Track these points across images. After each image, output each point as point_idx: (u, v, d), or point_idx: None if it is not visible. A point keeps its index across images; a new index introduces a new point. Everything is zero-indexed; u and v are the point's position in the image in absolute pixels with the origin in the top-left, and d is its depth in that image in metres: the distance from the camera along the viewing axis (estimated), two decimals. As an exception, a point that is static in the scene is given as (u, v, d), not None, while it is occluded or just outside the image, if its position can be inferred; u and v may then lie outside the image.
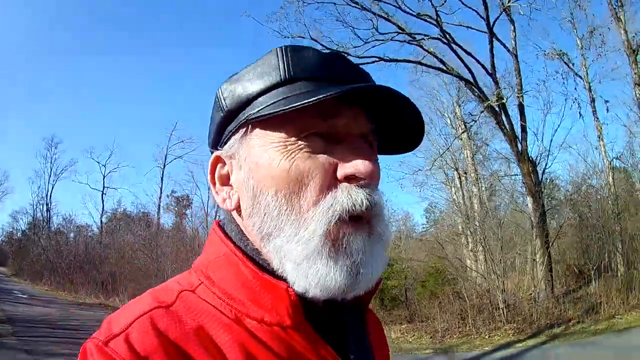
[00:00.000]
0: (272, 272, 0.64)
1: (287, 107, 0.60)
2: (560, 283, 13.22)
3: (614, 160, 15.95)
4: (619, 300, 10.78)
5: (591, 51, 15.75)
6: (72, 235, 35.29)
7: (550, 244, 12.82)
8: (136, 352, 0.54)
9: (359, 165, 0.62)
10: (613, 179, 15.03)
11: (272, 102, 0.64)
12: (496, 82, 13.42)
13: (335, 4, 13.86)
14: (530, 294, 12.50)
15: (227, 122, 0.70)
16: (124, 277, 20.70)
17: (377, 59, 14.35)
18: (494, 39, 13.70)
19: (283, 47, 0.67)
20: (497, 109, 13.29)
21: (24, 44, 61.64)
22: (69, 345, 8.50)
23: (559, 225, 14.40)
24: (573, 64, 15.53)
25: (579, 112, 15.13)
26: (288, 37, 14.35)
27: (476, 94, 13.84)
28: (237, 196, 0.70)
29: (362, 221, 0.64)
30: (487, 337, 10.34)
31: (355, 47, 14.21)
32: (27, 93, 64.80)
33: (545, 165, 14.79)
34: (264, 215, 0.64)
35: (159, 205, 34.46)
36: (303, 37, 14.18)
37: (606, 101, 15.26)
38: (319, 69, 0.66)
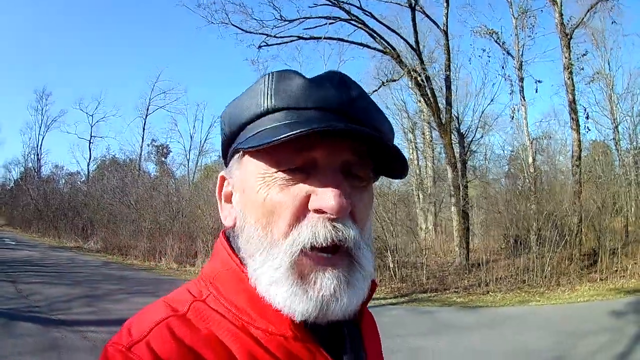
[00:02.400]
0: None
1: (258, 144, 0.64)
2: (480, 254, 13.84)
3: (535, 140, 16.91)
4: (516, 279, 11.74)
5: (525, 32, 16.62)
6: (62, 182, 38.49)
7: (460, 215, 14.02)
8: (157, 356, 0.60)
9: (327, 201, 0.63)
10: (534, 158, 16.05)
11: (255, 132, 0.68)
12: (419, 56, 14.52)
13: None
14: (450, 260, 13.86)
15: (228, 146, 0.77)
16: (99, 223, 23.81)
17: (296, 38, 15.61)
18: (425, 16, 15.01)
19: (269, 75, 0.71)
20: (421, 82, 14.31)
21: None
22: (42, 277, 12.38)
23: (477, 199, 15.50)
24: (503, 43, 16.60)
25: (512, 90, 16.38)
26: (214, 24, 15.37)
27: (405, 68, 14.52)
28: (234, 215, 0.75)
29: (339, 253, 0.67)
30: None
31: (276, 27, 15.15)
32: (15, 45, 67.38)
33: (472, 138, 16.23)
34: (247, 238, 0.69)
35: (140, 153, 37.93)
36: (226, 24, 15.30)
37: (538, 81, 16.14)
38: (301, 97, 0.68)
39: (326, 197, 0.64)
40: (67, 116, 54.08)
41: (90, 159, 40.53)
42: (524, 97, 16.77)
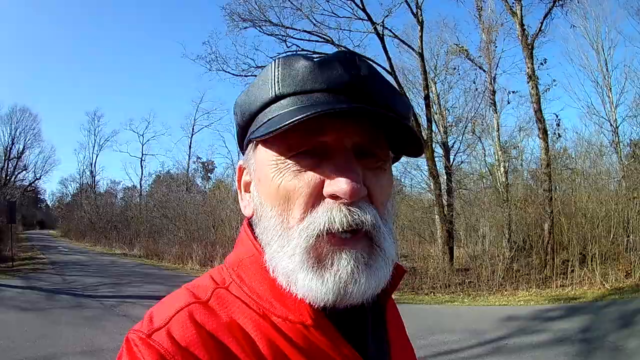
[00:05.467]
0: None
1: (265, 133, 0.64)
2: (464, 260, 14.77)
3: (503, 150, 17.60)
4: (482, 284, 12.14)
5: (495, 46, 17.42)
6: (119, 196, 43.81)
7: (443, 224, 14.94)
8: (177, 343, 0.61)
9: (340, 186, 0.63)
10: (505, 169, 16.80)
11: (264, 121, 0.69)
12: (395, 79, 15.36)
13: None
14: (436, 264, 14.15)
15: (242, 137, 0.78)
16: (143, 233, 27.99)
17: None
18: (400, 41, 16.53)
19: (275, 61, 0.71)
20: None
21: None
22: (84, 272, 16.41)
23: (457, 207, 16.04)
24: (473, 59, 17.82)
25: (492, 104, 17.22)
26: (212, 71, 18.03)
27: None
28: (253, 205, 0.77)
29: (358, 236, 0.66)
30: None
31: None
32: (68, 71, 75.43)
33: (457, 152, 18.03)
34: (265, 227, 0.70)
35: (188, 169, 41.17)
36: (223, 70, 17.95)
37: (512, 92, 17.46)
38: (307, 81, 0.67)
39: (339, 182, 0.64)
40: (119, 136, 60.73)
41: (142, 174, 44.56)
42: (496, 110, 17.77)
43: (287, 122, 0.61)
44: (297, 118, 0.61)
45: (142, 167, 44.81)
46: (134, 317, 8.60)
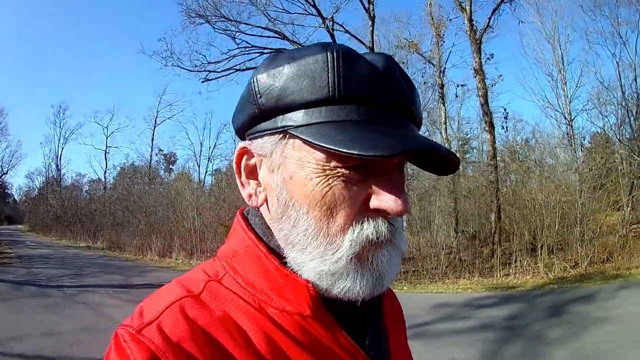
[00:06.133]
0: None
1: (332, 147, 0.60)
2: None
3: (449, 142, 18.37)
4: (425, 273, 12.58)
5: (444, 41, 18.33)
6: (85, 189, 44.41)
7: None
8: (168, 339, 0.60)
9: (390, 204, 0.64)
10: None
11: (314, 122, 0.64)
12: None
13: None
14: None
15: (260, 120, 0.70)
16: (106, 226, 29.16)
17: (233, 71, 18.85)
18: (351, 36, 17.01)
19: (336, 52, 0.65)
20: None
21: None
22: (49, 264, 17.74)
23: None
24: (422, 53, 18.57)
25: (440, 97, 18.16)
26: (168, 66, 19.21)
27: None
28: (265, 195, 0.73)
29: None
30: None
31: (214, 62, 18.78)
32: (32, 63, 75.25)
33: None
34: (292, 227, 0.68)
35: (150, 161, 42.08)
36: (178, 66, 19.06)
37: (460, 85, 18.15)
38: (370, 88, 0.65)
39: (390, 201, 0.64)
40: (84, 129, 61.97)
41: (106, 167, 45.36)
42: (444, 103, 18.51)
43: (371, 154, 0.58)
44: (383, 154, 0.58)
45: (106, 159, 45.65)
46: (91, 303, 10.02)
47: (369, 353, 0.73)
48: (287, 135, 0.68)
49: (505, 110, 17.30)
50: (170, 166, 44.53)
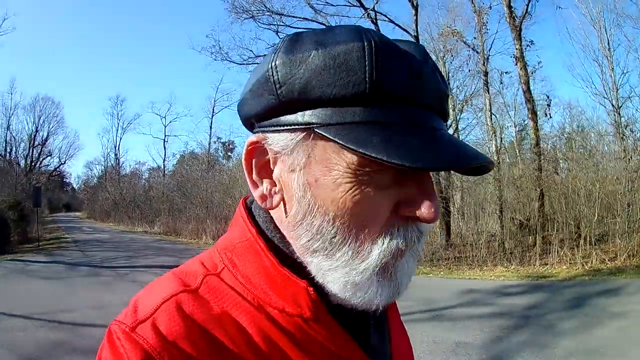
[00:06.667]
0: (297, 264, 0.65)
1: (373, 154, 0.53)
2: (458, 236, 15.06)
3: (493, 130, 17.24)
4: (465, 259, 12.51)
5: (487, 28, 17.09)
6: (145, 176, 45.90)
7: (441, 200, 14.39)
8: (164, 337, 0.57)
9: (424, 212, 0.60)
10: (497, 147, 16.90)
11: (347, 121, 0.57)
12: None
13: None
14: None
15: (278, 112, 0.62)
16: (162, 213, 29.66)
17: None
18: (395, 25, 16.68)
19: (374, 41, 0.57)
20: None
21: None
22: (103, 248, 18.06)
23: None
24: (465, 40, 17.89)
25: (485, 84, 16.92)
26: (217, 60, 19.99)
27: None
28: (281, 197, 0.66)
29: None
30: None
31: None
32: (88, 58, 77.91)
33: (455, 130, 17.86)
34: (315, 234, 0.62)
35: (209, 150, 42.99)
36: (228, 60, 19.78)
37: (504, 73, 17.15)
38: (410, 86, 0.58)
39: (425, 208, 0.60)
40: (142, 119, 64.12)
41: (165, 155, 46.72)
42: (488, 90, 17.53)
43: (419, 166, 0.53)
44: (437, 166, 0.55)
45: (165, 148, 46.71)
46: (141, 282, 9.83)
47: (372, 353, 0.71)
48: (312, 134, 0.60)
49: (547, 97, 16.25)
50: (229, 153, 45.05)
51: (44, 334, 6.51)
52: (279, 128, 0.62)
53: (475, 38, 18.07)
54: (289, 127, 0.61)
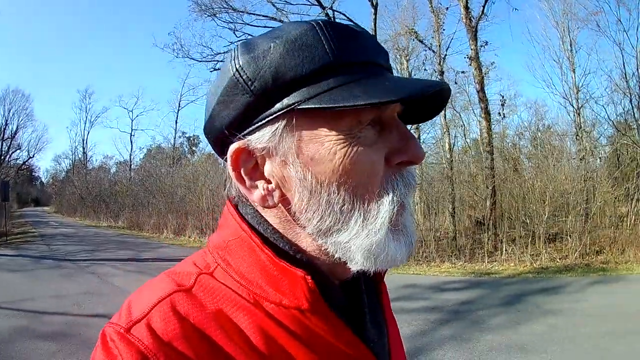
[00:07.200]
0: (291, 257, 0.67)
1: (361, 103, 0.57)
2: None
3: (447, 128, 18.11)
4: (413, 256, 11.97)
5: (444, 29, 17.58)
6: (112, 170, 45.83)
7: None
8: (159, 338, 0.57)
9: (415, 152, 0.64)
10: (449, 144, 17.68)
11: (325, 90, 0.60)
12: None
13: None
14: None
15: (257, 109, 0.64)
16: (127, 208, 30.35)
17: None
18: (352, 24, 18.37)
19: (320, 23, 0.64)
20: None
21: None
22: (68, 242, 19.13)
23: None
24: (423, 40, 18.04)
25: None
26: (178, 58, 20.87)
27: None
28: (280, 192, 0.67)
29: None
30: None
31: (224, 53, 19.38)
32: (58, 49, 77.48)
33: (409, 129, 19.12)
34: (325, 209, 0.64)
35: (174, 144, 43.48)
36: (189, 57, 21.07)
37: (460, 72, 16.90)
38: (360, 49, 0.64)
39: (413, 149, 0.64)
40: (109, 112, 64.03)
41: (131, 149, 47.17)
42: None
43: (399, 96, 0.58)
44: (415, 92, 0.60)
45: (131, 142, 47.27)
46: (100, 273, 11.26)
47: (369, 344, 0.71)
48: (295, 116, 0.63)
49: (502, 97, 16.70)
50: (193, 148, 45.64)
51: (6, 322, 7.08)
52: (260, 124, 0.64)
53: (432, 37, 18.45)
54: (270, 118, 0.63)
